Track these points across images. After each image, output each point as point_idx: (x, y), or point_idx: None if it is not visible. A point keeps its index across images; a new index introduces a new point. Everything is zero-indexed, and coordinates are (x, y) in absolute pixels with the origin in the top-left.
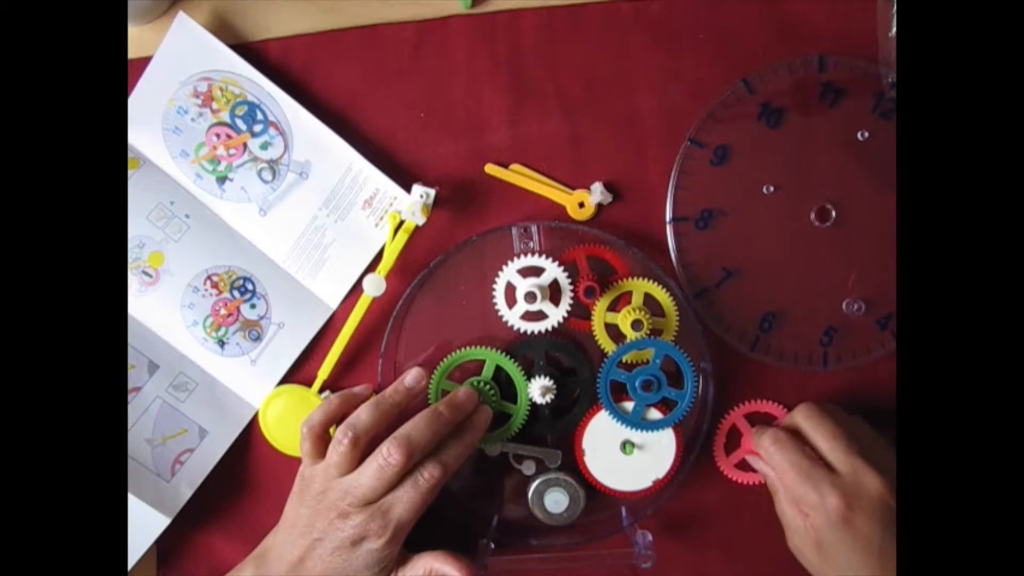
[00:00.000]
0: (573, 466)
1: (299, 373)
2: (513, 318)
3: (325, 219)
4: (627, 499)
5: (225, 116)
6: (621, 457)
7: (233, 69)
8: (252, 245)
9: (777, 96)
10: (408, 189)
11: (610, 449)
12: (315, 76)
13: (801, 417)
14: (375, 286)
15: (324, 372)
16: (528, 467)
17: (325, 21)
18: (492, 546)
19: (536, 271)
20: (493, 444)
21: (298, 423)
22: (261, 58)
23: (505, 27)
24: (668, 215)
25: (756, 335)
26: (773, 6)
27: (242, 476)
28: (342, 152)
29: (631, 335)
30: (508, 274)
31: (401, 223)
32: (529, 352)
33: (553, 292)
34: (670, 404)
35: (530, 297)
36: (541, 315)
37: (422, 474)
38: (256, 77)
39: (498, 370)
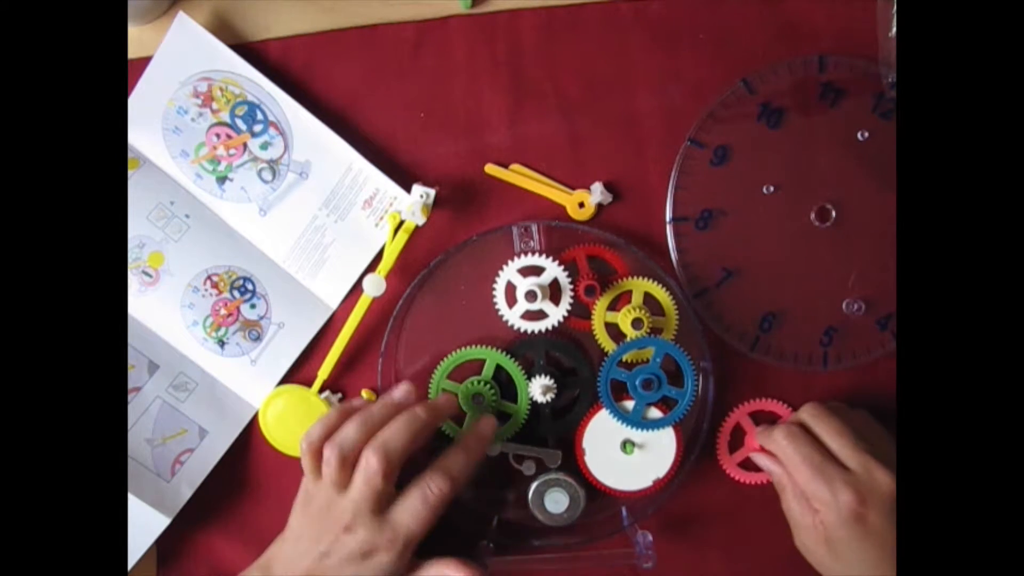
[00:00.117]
0: (573, 466)
1: (299, 373)
2: (513, 317)
3: (325, 219)
4: (627, 499)
5: (225, 116)
6: (621, 457)
7: (233, 69)
8: (252, 245)
9: (777, 96)
10: (408, 189)
11: (610, 449)
12: (315, 76)
13: (807, 415)
14: (375, 286)
15: (324, 372)
16: (528, 467)
17: (325, 21)
18: (492, 547)
19: (536, 270)
20: (493, 444)
21: (298, 423)
22: (261, 58)
23: (505, 27)
24: (668, 215)
25: (756, 335)
26: (773, 6)
27: (242, 476)
28: (342, 152)
29: (631, 334)
30: (508, 273)
31: (401, 223)
32: (529, 351)
33: (553, 291)
34: (670, 403)
35: (530, 296)
36: (541, 314)
37: (430, 487)
38: (256, 77)
39: (498, 369)
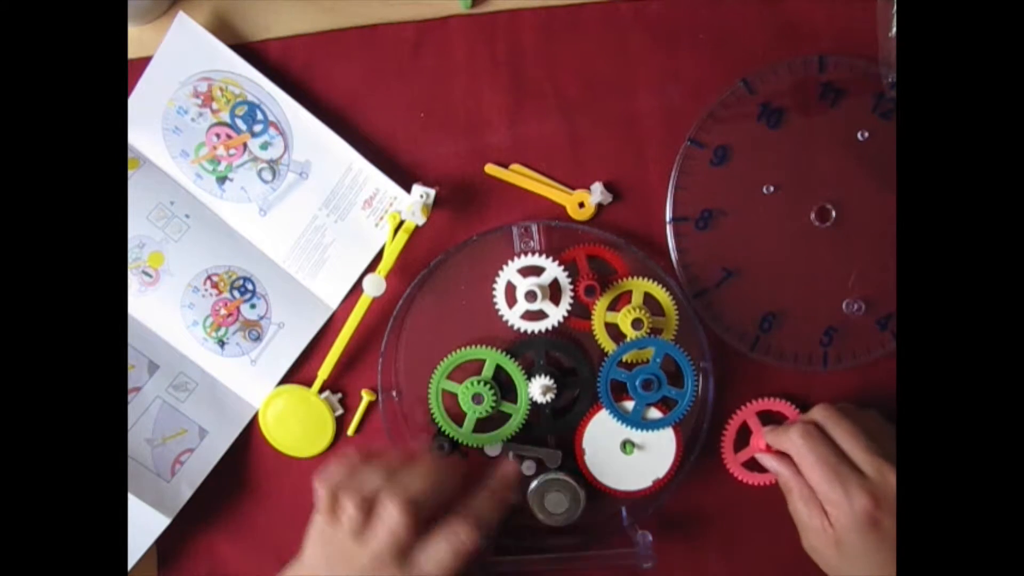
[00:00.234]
0: (573, 466)
1: (299, 373)
2: (513, 317)
3: (325, 219)
4: (627, 499)
5: (225, 116)
6: (621, 457)
7: (233, 69)
8: (252, 245)
9: (777, 96)
10: (408, 189)
11: (610, 449)
12: (315, 76)
13: (820, 416)
14: (375, 286)
15: (324, 372)
16: (528, 467)
17: (325, 21)
18: (492, 547)
19: (536, 270)
20: (493, 444)
21: (298, 423)
22: (261, 58)
23: (505, 27)
24: (668, 215)
25: (756, 335)
26: (773, 6)
27: (242, 476)
28: (342, 152)
29: (631, 334)
30: (508, 273)
31: (401, 223)
32: (529, 351)
33: (553, 292)
34: (670, 403)
35: (530, 296)
36: (541, 314)
37: (459, 535)
38: (256, 77)
39: (498, 370)
